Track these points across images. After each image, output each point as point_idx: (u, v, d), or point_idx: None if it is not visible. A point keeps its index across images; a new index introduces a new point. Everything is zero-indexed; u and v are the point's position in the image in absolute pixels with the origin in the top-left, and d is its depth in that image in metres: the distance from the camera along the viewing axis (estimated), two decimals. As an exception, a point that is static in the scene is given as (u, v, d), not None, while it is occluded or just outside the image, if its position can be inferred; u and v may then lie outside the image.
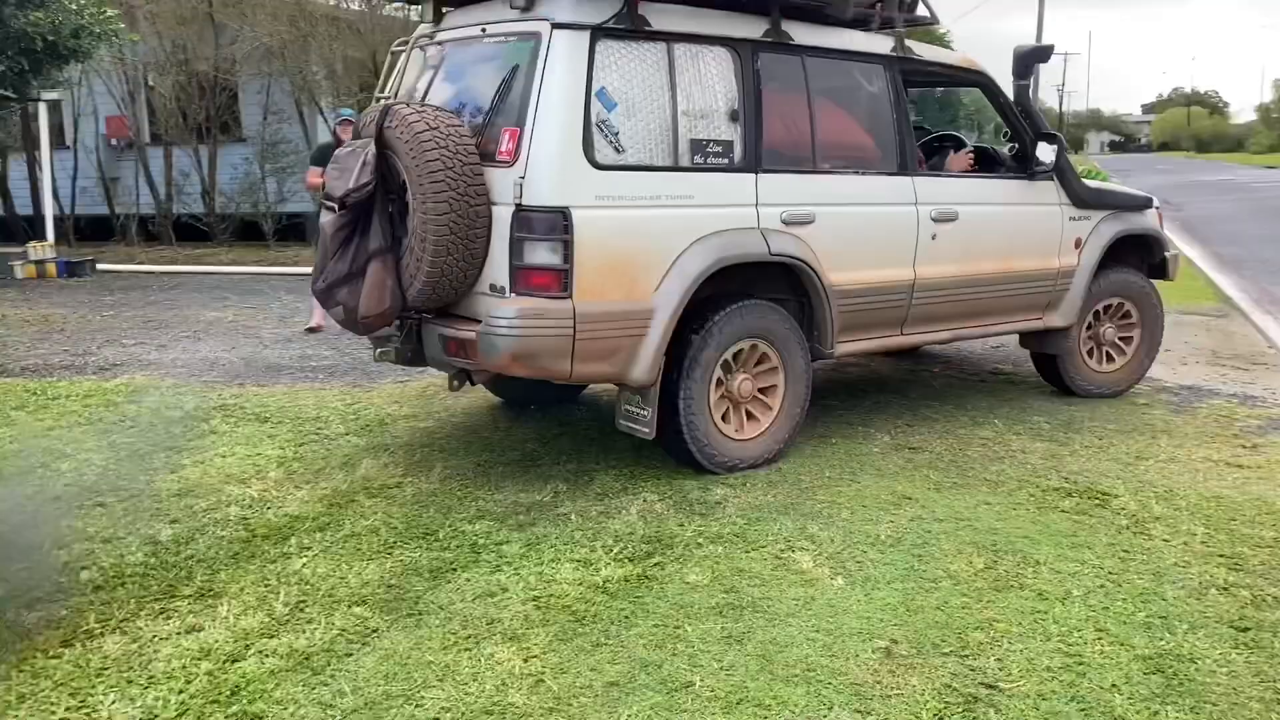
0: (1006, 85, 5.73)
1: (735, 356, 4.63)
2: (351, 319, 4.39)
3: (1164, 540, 3.93)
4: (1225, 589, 3.50)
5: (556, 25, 4.12)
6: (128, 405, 5.92)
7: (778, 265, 4.65)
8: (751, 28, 4.62)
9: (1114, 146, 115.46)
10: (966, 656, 3.04)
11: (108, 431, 5.39)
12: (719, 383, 4.59)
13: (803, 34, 4.79)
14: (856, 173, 5.02)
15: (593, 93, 4.12)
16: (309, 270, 5.65)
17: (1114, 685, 2.89)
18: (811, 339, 4.86)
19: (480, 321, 4.17)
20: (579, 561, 3.68)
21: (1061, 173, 5.67)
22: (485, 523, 4.06)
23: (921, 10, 5.40)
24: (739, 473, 4.61)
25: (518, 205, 4.07)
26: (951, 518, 4.12)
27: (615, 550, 3.77)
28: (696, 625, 3.21)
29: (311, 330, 8.12)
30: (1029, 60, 5.60)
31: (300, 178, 13.31)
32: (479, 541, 3.87)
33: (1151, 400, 6.14)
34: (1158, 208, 6.25)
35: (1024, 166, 5.66)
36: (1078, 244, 5.81)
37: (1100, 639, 3.15)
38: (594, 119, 4.13)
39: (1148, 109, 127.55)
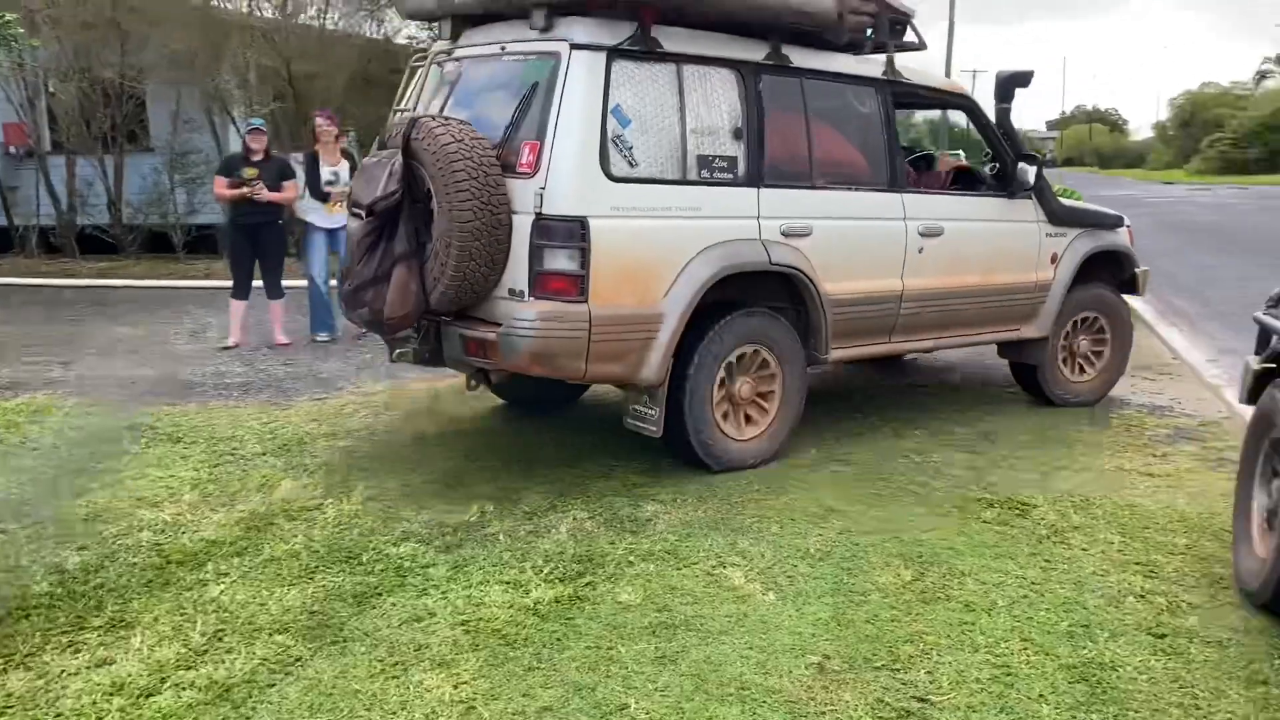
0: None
1: (738, 360, 4.85)
2: (377, 320, 4.59)
3: (1083, 549, 4.02)
4: (1142, 596, 3.59)
5: (575, 46, 4.37)
6: (30, 426, 5.66)
7: (777, 275, 4.88)
8: (754, 51, 4.86)
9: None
10: (898, 670, 3.06)
11: (8, 454, 5.15)
12: (721, 384, 4.81)
13: (801, 57, 5.04)
14: (850, 188, 5.24)
15: (608, 110, 4.38)
16: (221, 283, 5.50)
17: (1041, 695, 2.94)
18: (807, 345, 5.06)
19: (499, 323, 4.38)
20: (508, 583, 3.62)
21: (1040, 192, 5.94)
22: (410, 545, 3.97)
23: (910, 36, 5.53)
24: (740, 471, 4.81)
25: (538, 214, 4.29)
26: (879, 530, 4.16)
27: (546, 570, 3.72)
28: (630, 646, 3.18)
29: (227, 348, 7.89)
30: (1010, 85, 5.80)
31: (211, 189, 12.97)
32: (404, 564, 3.79)
33: (1065, 410, 6.30)
34: (1128, 226, 6.56)
35: (1004, 185, 5.93)
36: (1054, 259, 6.04)
37: (1026, 649, 3.20)
38: (609, 134, 4.37)
39: (1053, 125, 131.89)
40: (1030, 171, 5.77)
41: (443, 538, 4.05)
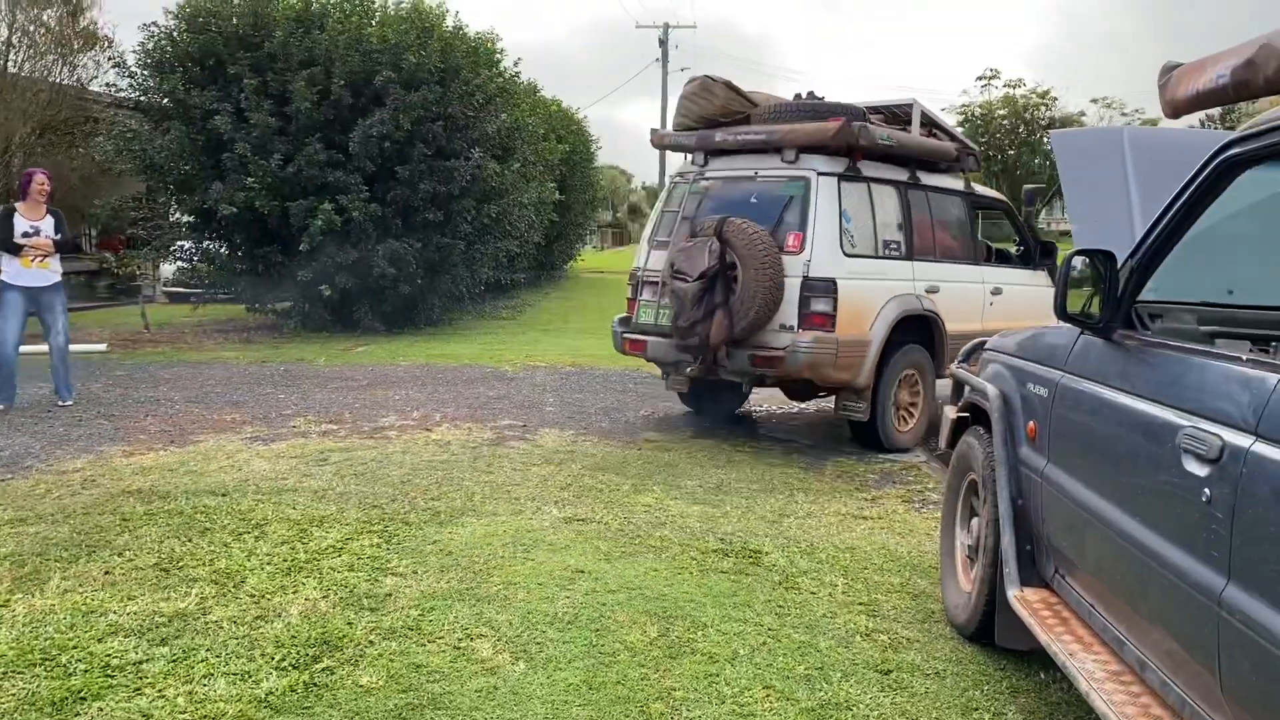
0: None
1: (904, 378, 7.14)
2: (703, 345, 6.67)
3: (812, 593, 4.24)
4: (868, 635, 3.82)
5: (820, 173, 6.80)
6: None
7: (924, 318, 7.20)
8: (901, 174, 7.40)
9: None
10: (651, 729, 3.07)
11: None
12: (895, 393, 7.10)
13: (925, 178, 7.62)
14: (956, 262, 7.70)
15: (841, 212, 6.77)
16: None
17: (786, 740, 3.03)
18: (935, 367, 7.34)
19: (776, 347, 6.62)
20: (236, 674, 3.32)
21: (1051, 266, 8.44)
22: (119, 640, 3.56)
23: (972, 165, 8.19)
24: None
25: (805, 277, 6.62)
26: (624, 588, 4.19)
27: (277, 658, 3.45)
28: (375, 731, 3.00)
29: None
30: (1033, 196, 9.59)
31: None
32: (113, 662, 3.39)
33: (787, 460, 6.68)
34: None
35: (1027, 261, 8.60)
36: None
37: (768, 695, 3.31)
38: (842, 227, 6.74)
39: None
40: (1050, 255, 8.57)
41: (157, 629, 3.67)
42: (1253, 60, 2.30)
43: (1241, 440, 2.09)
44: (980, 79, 56.39)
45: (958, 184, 8.02)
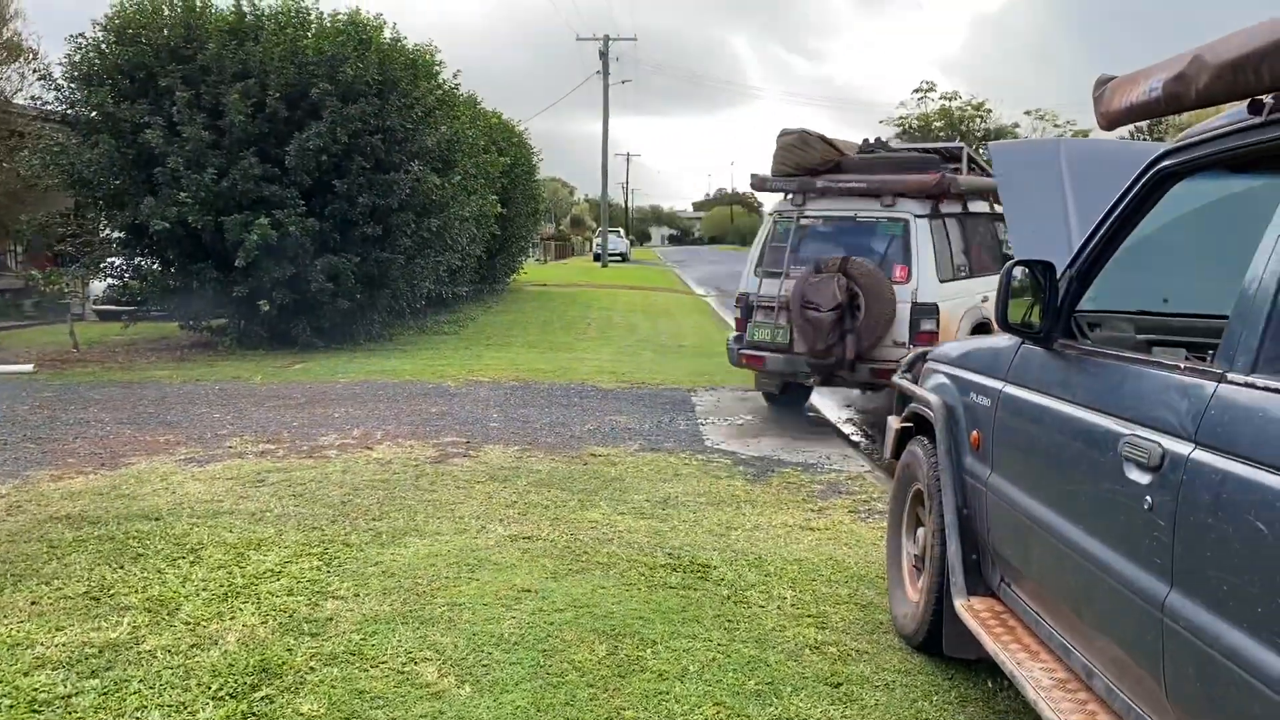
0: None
1: None
2: (839, 363, 7.93)
3: (761, 606, 4.22)
4: (817, 648, 3.82)
5: (916, 216, 8.12)
6: None
7: (984, 323, 8.25)
8: (959, 208, 8.73)
9: (673, 239, 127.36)
10: (601, 751, 3.02)
11: None
12: None
13: (972, 206, 8.95)
14: (992, 273, 8.15)
15: (933, 246, 8.08)
16: None
17: (737, 758, 3.01)
18: None
19: (888, 360, 7.52)
20: (170, 706, 3.21)
21: None
22: (47, 673, 3.43)
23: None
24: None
25: (914, 303, 7.92)
26: (571, 606, 4.14)
27: (214, 687, 3.34)
28: (316, 762, 2.91)
29: None
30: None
31: None
32: (40, 696, 3.25)
33: (732, 472, 6.68)
34: None
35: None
36: None
37: (719, 713, 3.28)
38: (936, 259, 8.06)
39: (698, 206, 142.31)
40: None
41: (86, 661, 3.54)
42: (1184, 73, 2.33)
43: (1181, 448, 2.11)
44: (917, 91, 57.44)
45: (987, 207, 9.35)
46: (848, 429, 9.08)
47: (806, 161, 8.79)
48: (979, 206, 9.19)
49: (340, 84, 12.90)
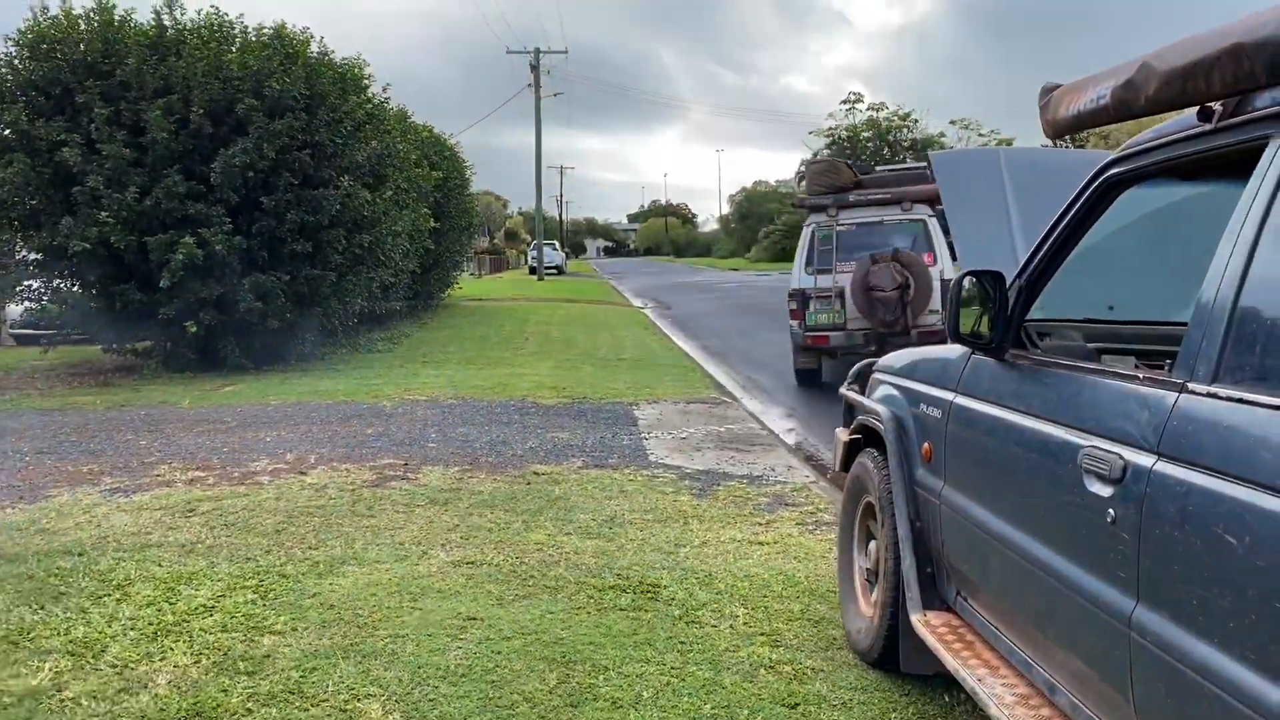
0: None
1: None
2: (903, 330, 10.56)
3: (713, 626, 4.15)
4: (772, 667, 3.75)
5: (930, 216, 11.08)
6: None
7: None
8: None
9: (608, 251, 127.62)
10: (555, 786, 2.91)
11: None
12: None
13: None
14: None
15: (944, 237, 10.61)
16: None
17: (697, 787, 2.92)
18: None
19: (930, 326, 10.39)
20: (96, 758, 3.03)
21: None
22: (-41, 728, 3.22)
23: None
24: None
25: (942, 280, 10.61)
26: (519, 633, 4.02)
27: (143, 735, 3.16)
28: (255, 812, 2.76)
29: None
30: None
31: None
32: (-49, 755, 3.05)
33: (677, 487, 6.60)
34: None
35: None
36: None
37: (676, 739, 3.19)
38: (949, 245, 10.51)
39: (633, 218, 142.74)
40: None
41: (5, 712, 3.33)
42: (1132, 80, 2.32)
43: (1144, 460, 2.08)
44: (845, 103, 58.37)
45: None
46: (791, 439, 9.06)
47: (837, 183, 11.69)
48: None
49: (267, 99, 12.62)
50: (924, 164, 12.42)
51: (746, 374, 13.55)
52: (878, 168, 13.38)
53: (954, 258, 9.68)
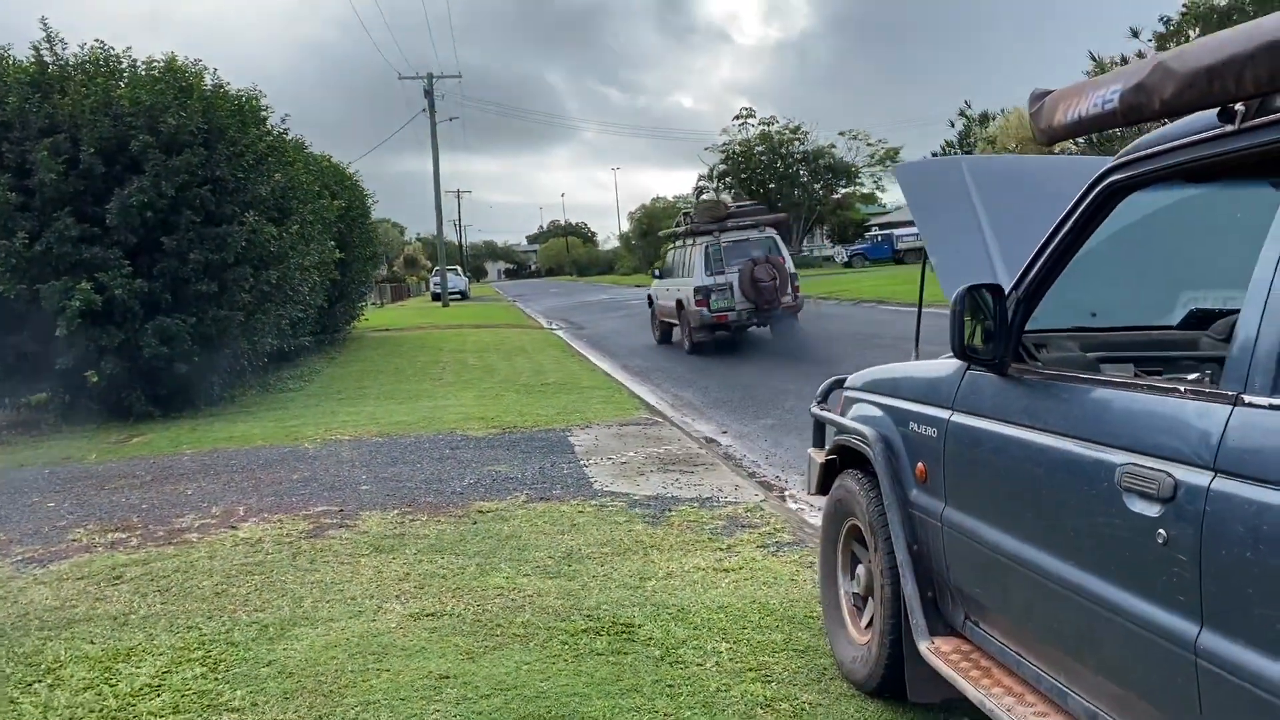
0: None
1: None
2: (773, 304, 16.85)
3: (698, 665, 3.98)
4: (769, 705, 3.60)
5: (777, 235, 18.18)
6: None
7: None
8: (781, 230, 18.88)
9: (509, 273, 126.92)
10: None
11: None
12: None
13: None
14: None
15: (787, 247, 19.08)
16: None
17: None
18: None
19: (787, 304, 17.33)
20: None
21: None
22: None
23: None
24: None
25: (790, 274, 17.52)
26: (497, 690, 3.79)
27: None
28: None
29: None
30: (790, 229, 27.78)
31: None
32: None
33: (630, 516, 6.42)
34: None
35: None
36: None
37: (685, 794, 3.01)
38: (788, 253, 18.61)
39: (533, 239, 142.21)
40: None
41: (-66, 830, 2.98)
42: (1144, 83, 2.25)
43: (1198, 478, 1.99)
44: (737, 118, 59.25)
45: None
46: (732, 456, 8.96)
47: (717, 215, 17.99)
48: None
49: (163, 135, 12.07)
50: (761, 203, 22.98)
51: (673, 392, 13.44)
52: (733, 204, 20.49)
53: (848, 265, 11.85)
